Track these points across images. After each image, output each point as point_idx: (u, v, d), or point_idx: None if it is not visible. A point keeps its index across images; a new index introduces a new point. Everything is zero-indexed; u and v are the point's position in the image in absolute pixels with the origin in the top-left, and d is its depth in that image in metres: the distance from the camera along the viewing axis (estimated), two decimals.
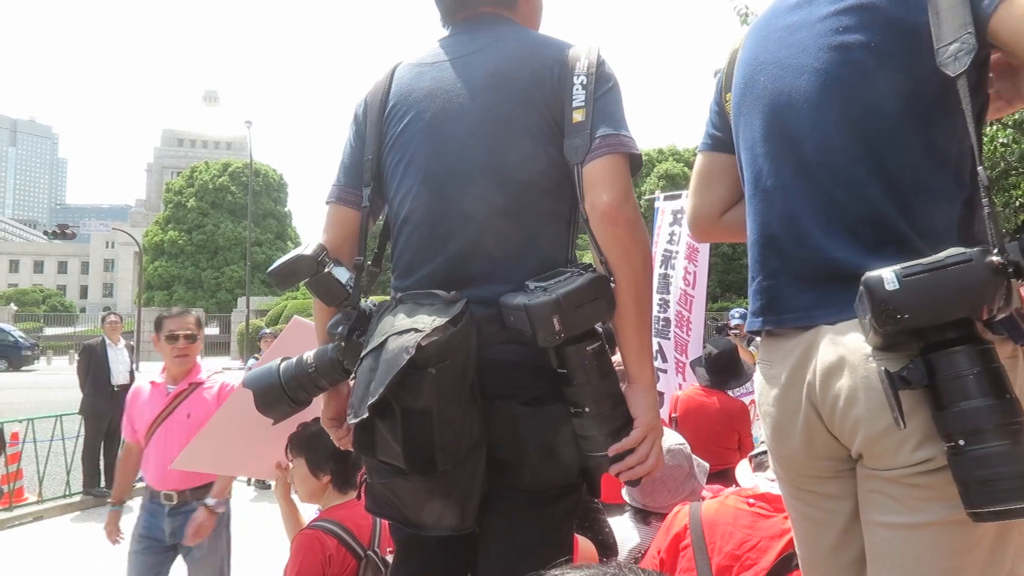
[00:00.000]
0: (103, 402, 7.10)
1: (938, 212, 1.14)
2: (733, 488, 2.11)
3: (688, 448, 2.44)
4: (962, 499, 1.02)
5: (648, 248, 1.36)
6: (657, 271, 5.34)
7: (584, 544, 1.97)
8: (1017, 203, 9.31)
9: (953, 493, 1.07)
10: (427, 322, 1.23)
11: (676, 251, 5.34)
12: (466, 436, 1.26)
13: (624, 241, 1.30)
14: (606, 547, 2.08)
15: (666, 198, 5.73)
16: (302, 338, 2.36)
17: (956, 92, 1.10)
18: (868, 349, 1.11)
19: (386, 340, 1.24)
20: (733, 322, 8.37)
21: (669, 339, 5.28)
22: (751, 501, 1.85)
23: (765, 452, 2.04)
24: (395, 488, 1.32)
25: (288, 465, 2.36)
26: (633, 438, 1.29)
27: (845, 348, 1.14)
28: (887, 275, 1.02)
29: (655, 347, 5.22)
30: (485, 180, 1.37)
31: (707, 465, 2.51)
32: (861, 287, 1.05)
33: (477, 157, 1.38)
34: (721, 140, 1.47)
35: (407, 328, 1.23)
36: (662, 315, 5.34)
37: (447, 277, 1.38)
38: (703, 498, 2.08)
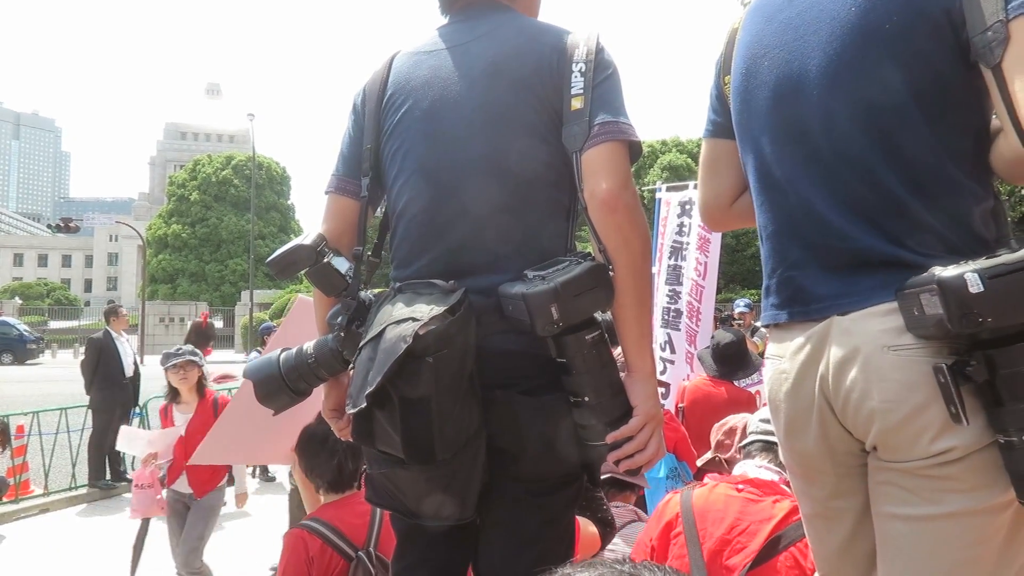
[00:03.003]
0: (115, 394, 7.13)
1: (962, 202, 1.11)
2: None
3: None
4: (1016, 491, 1.02)
5: (647, 236, 1.34)
6: (666, 262, 5.31)
7: (584, 524, 1.97)
8: (1022, 192, 9.28)
9: (970, 484, 1.06)
10: (425, 311, 1.22)
11: (687, 242, 5.30)
12: (465, 426, 1.25)
13: (623, 229, 1.29)
14: (606, 524, 2.10)
15: (669, 189, 5.71)
16: (308, 316, 2.36)
17: (976, 80, 1.06)
18: (883, 340, 1.10)
19: (384, 329, 1.24)
20: (737, 311, 8.36)
21: (680, 330, 5.25)
22: (740, 487, 1.86)
23: (753, 442, 2.05)
24: (394, 478, 1.31)
25: None
26: (632, 426, 1.29)
27: (858, 339, 1.12)
28: (971, 277, 0.97)
29: (664, 338, 5.19)
30: (483, 169, 1.37)
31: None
32: (934, 286, 1.00)
33: (475, 146, 1.37)
34: (723, 126, 1.44)
35: (405, 317, 1.23)
36: (672, 306, 5.30)
37: (446, 267, 1.37)
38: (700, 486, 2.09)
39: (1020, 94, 1.00)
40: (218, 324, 39.09)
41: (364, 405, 1.19)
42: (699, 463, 2.39)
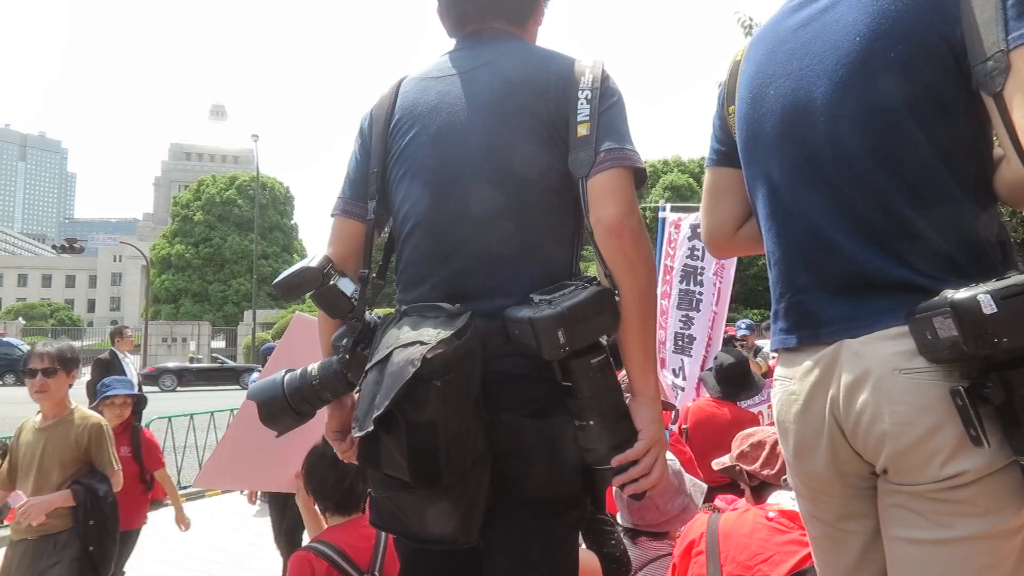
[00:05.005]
0: None
1: (968, 223, 1.13)
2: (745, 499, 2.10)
3: (677, 464, 2.41)
4: None
5: (652, 261, 1.36)
6: (677, 286, 5.20)
7: (586, 557, 1.95)
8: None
9: (981, 508, 1.06)
10: (432, 335, 1.23)
11: (701, 267, 5.18)
12: (471, 449, 1.26)
13: (628, 254, 1.30)
14: (612, 560, 2.06)
15: (672, 209, 5.65)
16: (307, 334, 2.36)
17: (979, 106, 1.08)
18: (894, 363, 1.10)
19: (391, 353, 1.24)
20: (739, 333, 8.33)
21: (691, 356, 5.13)
22: (771, 515, 1.85)
23: None
24: (400, 501, 1.31)
25: None
26: (637, 450, 1.29)
27: (869, 362, 1.13)
28: (983, 298, 0.98)
29: (678, 364, 5.11)
30: (490, 193, 1.38)
31: (704, 486, 2.48)
32: (948, 309, 1.01)
33: (482, 170, 1.39)
34: (726, 155, 1.46)
35: (412, 341, 1.23)
36: (686, 332, 5.15)
37: (451, 290, 1.38)
38: (720, 510, 2.07)
39: (1021, 121, 1.01)
40: (220, 344, 39.15)
41: (371, 428, 1.19)
42: (714, 465, 2.32)
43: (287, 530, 4.06)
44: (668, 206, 5.62)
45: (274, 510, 4.19)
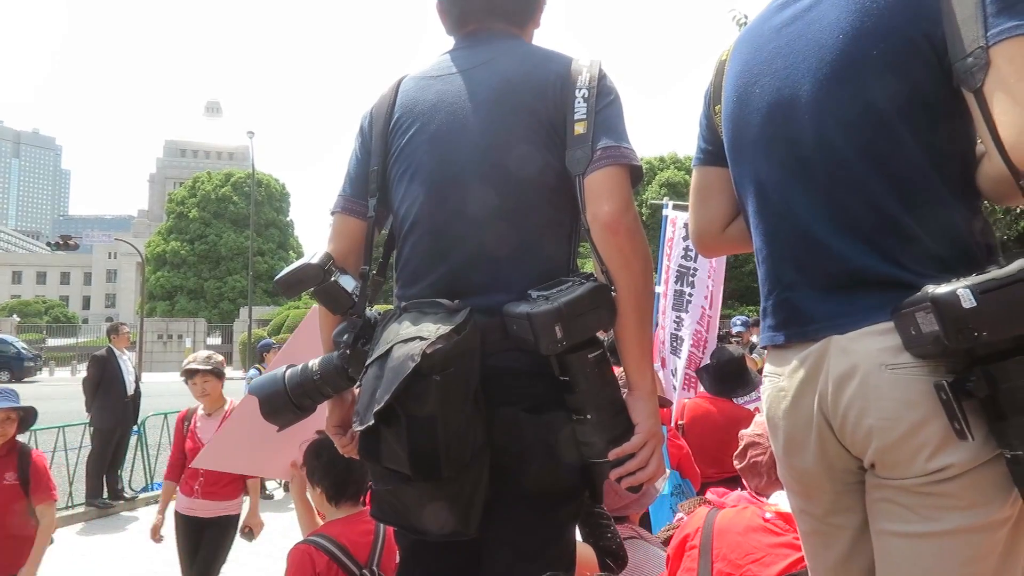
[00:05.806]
0: (117, 413, 7.13)
1: (953, 220, 1.14)
2: (738, 492, 2.11)
3: None
4: None
5: (648, 257, 1.37)
6: (672, 287, 5.18)
7: (582, 550, 1.96)
8: (1018, 210, 9.34)
9: (967, 501, 1.07)
10: (432, 330, 1.25)
11: (694, 268, 5.15)
12: (470, 442, 1.27)
13: (624, 250, 1.32)
14: (608, 553, 2.07)
15: (675, 207, 5.57)
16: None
17: (961, 103, 1.09)
18: (881, 358, 1.11)
19: (391, 348, 1.26)
20: (735, 330, 8.36)
21: (680, 357, 5.12)
22: (767, 516, 1.86)
23: None
24: (400, 494, 1.33)
25: (302, 465, 2.37)
26: (634, 443, 1.31)
27: (857, 358, 1.14)
28: (963, 293, 1.00)
29: (673, 365, 5.11)
30: (488, 191, 1.40)
31: (665, 471, 2.47)
32: (928, 304, 1.03)
33: (481, 168, 1.41)
34: (713, 154, 1.47)
35: (412, 336, 1.25)
36: (677, 333, 5.15)
37: (451, 286, 1.40)
38: (713, 504, 2.08)
39: (1001, 116, 1.03)
40: (216, 341, 39.07)
41: (372, 422, 1.21)
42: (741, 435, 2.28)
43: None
44: (671, 204, 5.57)
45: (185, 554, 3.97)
